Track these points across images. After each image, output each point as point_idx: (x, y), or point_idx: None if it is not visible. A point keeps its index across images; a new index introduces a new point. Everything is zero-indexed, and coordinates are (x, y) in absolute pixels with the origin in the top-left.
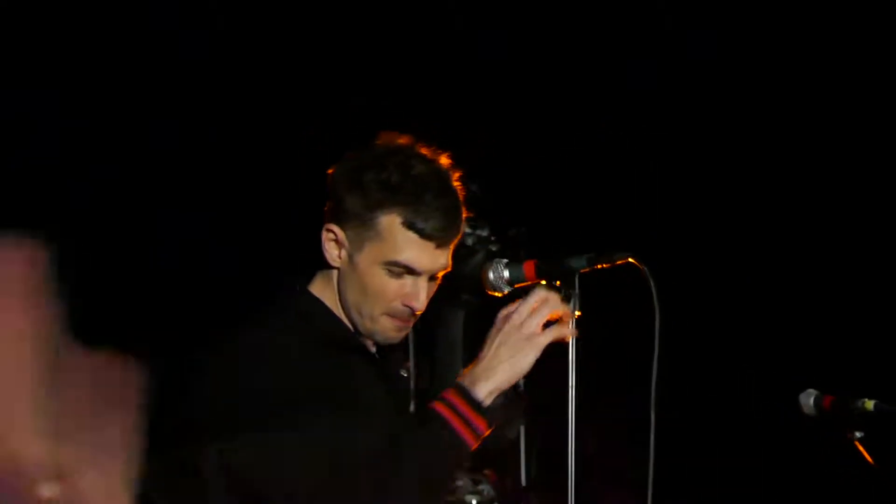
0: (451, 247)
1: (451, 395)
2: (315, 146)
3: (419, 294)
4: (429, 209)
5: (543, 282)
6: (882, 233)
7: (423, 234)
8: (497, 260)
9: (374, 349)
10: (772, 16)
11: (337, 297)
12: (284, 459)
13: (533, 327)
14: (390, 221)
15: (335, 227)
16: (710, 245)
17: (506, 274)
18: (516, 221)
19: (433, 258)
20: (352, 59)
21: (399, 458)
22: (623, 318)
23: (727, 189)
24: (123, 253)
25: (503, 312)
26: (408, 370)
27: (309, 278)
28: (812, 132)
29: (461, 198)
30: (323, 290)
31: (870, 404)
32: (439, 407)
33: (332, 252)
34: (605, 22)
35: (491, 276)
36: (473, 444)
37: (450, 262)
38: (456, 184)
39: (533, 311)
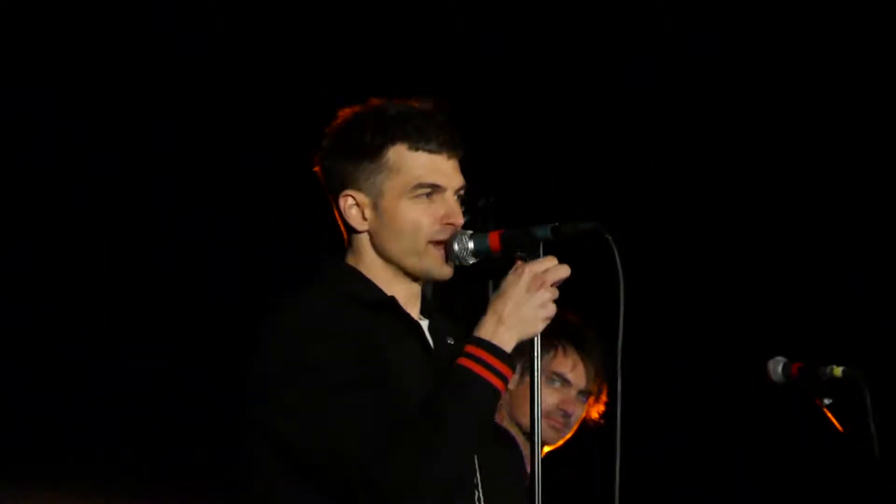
0: (458, 161)
1: (476, 350)
2: (315, 145)
3: (453, 208)
4: (426, 128)
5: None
6: (854, 215)
7: (431, 150)
8: (461, 231)
9: (418, 316)
10: (772, 16)
11: (372, 264)
12: (332, 429)
13: (548, 296)
14: (396, 152)
15: (349, 192)
16: (684, 222)
17: (470, 245)
18: (484, 192)
19: (449, 169)
20: (352, 59)
21: (445, 419)
22: (589, 287)
23: (711, 171)
24: (123, 253)
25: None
26: (455, 338)
27: (341, 256)
28: (810, 130)
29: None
30: (356, 260)
31: (838, 370)
32: (467, 363)
33: (356, 216)
34: (605, 22)
35: (455, 247)
36: (504, 390)
37: (464, 181)
38: (433, 102)
39: (549, 272)
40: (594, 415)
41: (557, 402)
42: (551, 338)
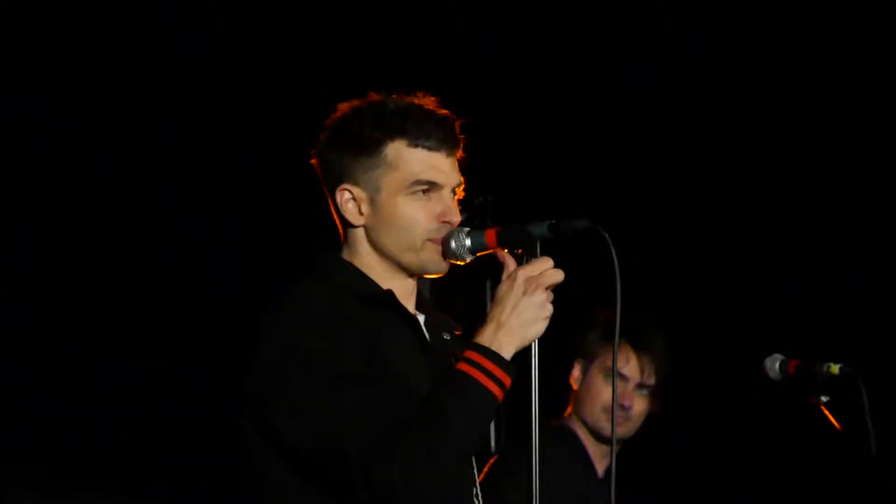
0: (457, 159)
1: (475, 356)
2: (315, 145)
3: (450, 206)
4: (425, 125)
5: (506, 250)
6: (854, 214)
7: (430, 148)
8: (458, 228)
9: (413, 311)
10: (772, 16)
11: (367, 259)
12: (333, 429)
13: (544, 297)
14: (395, 148)
15: (346, 186)
16: (684, 222)
17: (467, 242)
18: (484, 191)
19: (448, 167)
20: (352, 59)
21: (444, 422)
22: (587, 286)
23: (711, 171)
24: (123, 253)
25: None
26: (452, 334)
27: (336, 250)
28: (809, 130)
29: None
30: (351, 255)
31: (835, 368)
32: (466, 368)
33: (352, 211)
34: (605, 22)
35: (452, 244)
36: (501, 396)
37: (462, 179)
38: (432, 100)
39: (543, 275)
40: (655, 407)
41: None
42: (603, 334)
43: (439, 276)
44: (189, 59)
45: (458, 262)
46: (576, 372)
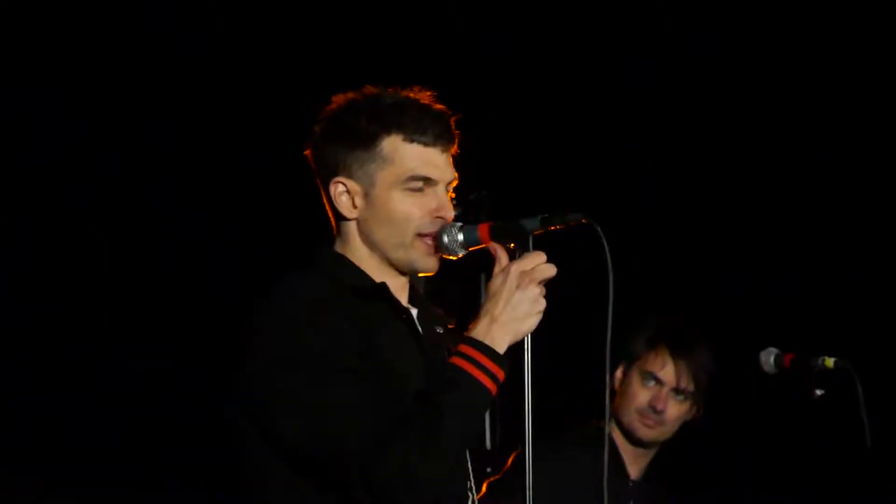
0: (451, 154)
1: (469, 350)
2: (309, 137)
3: (444, 202)
4: (421, 120)
5: (499, 244)
6: (851, 212)
7: (426, 143)
8: (451, 223)
9: (407, 304)
10: (772, 16)
11: (359, 252)
12: (332, 428)
13: (538, 291)
14: (392, 143)
15: (340, 179)
16: (683, 221)
17: (460, 237)
18: (479, 188)
19: (443, 163)
20: (352, 59)
21: (440, 419)
22: (578, 278)
23: (710, 170)
24: (123, 253)
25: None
26: (445, 327)
27: (329, 243)
28: (808, 129)
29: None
30: (344, 248)
31: (830, 362)
32: (460, 363)
33: (346, 204)
34: (605, 22)
35: (445, 239)
36: (495, 391)
37: (456, 175)
38: (428, 95)
39: (536, 269)
40: (692, 414)
41: (648, 400)
42: (647, 337)
43: (430, 274)
44: (189, 59)
45: (451, 257)
46: (619, 373)
